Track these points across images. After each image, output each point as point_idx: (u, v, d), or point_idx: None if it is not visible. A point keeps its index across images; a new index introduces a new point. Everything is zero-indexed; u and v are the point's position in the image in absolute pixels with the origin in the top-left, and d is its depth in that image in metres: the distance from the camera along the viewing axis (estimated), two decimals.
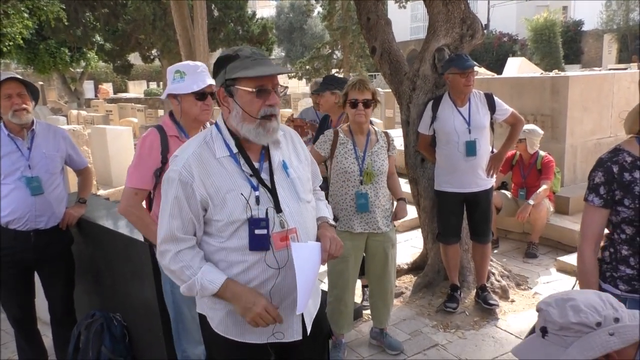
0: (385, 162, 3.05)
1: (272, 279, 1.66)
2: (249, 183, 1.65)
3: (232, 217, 1.61)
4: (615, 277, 1.98)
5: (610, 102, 5.78)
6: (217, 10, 20.93)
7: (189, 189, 1.62)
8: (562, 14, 30.21)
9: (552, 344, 1.36)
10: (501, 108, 3.61)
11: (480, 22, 3.95)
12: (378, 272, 3.17)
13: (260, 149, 1.72)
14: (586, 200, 1.98)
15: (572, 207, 5.24)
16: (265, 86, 1.61)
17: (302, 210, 1.72)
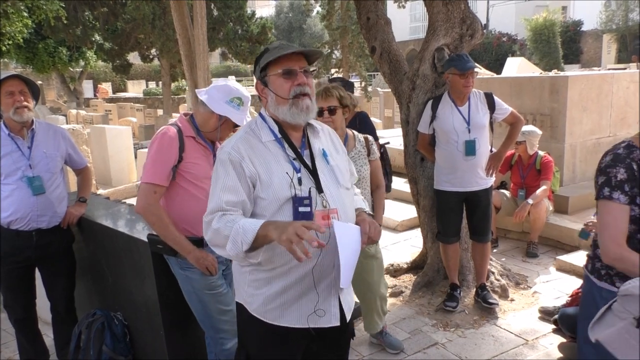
0: (363, 167, 3.00)
1: (314, 257, 1.68)
2: (292, 165, 1.74)
3: (277, 195, 1.69)
4: (612, 274, 1.92)
5: (610, 102, 5.79)
6: (217, 9, 20.87)
7: (238, 167, 1.71)
8: (562, 14, 30.23)
9: None
10: (501, 107, 3.62)
11: (480, 22, 3.96)
12: (358, 281, 3.12)
13: (301, 137, 1.82)
14: (610, 199, 1.83)
15: (571, 206, 5.25)
16: (292, 67, 1.72)
17: (342, 194, 1.80)
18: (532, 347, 3.31)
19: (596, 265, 2.00)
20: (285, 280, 1.74)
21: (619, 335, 1.35)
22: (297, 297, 1.75)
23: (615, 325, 1.37)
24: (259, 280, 1.78)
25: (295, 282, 1.73)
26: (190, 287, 2.48)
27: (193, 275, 2.43)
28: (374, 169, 3.11)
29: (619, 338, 1.35)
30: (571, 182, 5.61)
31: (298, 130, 1.80)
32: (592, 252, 2.06)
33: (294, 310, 1.76)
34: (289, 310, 1.76)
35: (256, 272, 1.78)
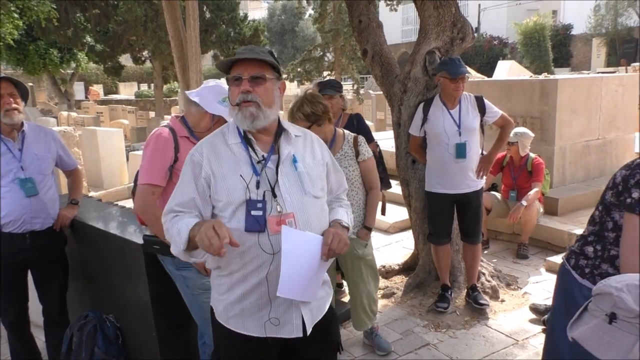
0: (348, 169, 3.01)
1: (267, 264, 1.69)
2: (253, 168, 1.74)
3: (231, 197, 1.70)
4: (595, 274, 1.94)
5: (599, 105, 5.86)
6: (209, 12, 20.86)
7: (197, 167, 1.74)
8: (552, 18, 30.48)
9: (621, 331, 1.34)
10: (491, 110, 3.66)
11: (471, 26, 4.00)
12: (347, 279, 3.24)
13: (271, 142, 1.81)
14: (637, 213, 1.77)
15: (561, 208, 5.30)
16: (239, 74, 1.72)
17: (305, 202, 1.76)
18: (522, 347, 3.34)
19: (580, 262, 2.02)
20: (244, 287, 1.73)
21: (593, 332, 1.38)
22: (256, 305, 1.73)
23: (590, 323, 1.40)
24: (221, 285, 1.80)
25: (253, 289, 1.72)
26: (186, 286, 2.49)
27: (189, 275, 2.44)
28: (366, 171, 3.11)
29: (593, 335, 1.38)
30: (561, 184, 5.67)
31: (268, 134, 1.80)
32: (578, 248, 2.08)
33: (255, 319, 1.75)
34: (250, 318, 1.75)
35: (219, 276, 1.80)
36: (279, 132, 1.83)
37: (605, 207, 1.98)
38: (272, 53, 1.82)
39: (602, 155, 6.04)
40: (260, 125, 1.74)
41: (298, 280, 1.67)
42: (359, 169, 3.10)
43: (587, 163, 5.91)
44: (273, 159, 1.78)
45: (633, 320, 1.32)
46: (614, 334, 1.35)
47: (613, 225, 1.95)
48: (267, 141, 1.81)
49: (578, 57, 29.17)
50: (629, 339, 1.32)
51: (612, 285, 1.39)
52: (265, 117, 1.73)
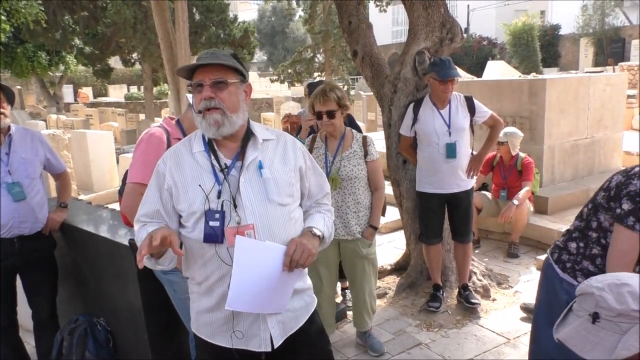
0: (357, 167, 3.02)
1: (227, 275, 1.64)
2: (215, 177, 1.70)
3: (192, 207, 1.68)
4: (576, 269, 2.02)
5: (587, 104, 5.91)
6: (199, 13, 20.80)
7: (161, 178, 1.74)
8: (540, 18, 30.72)
9: (604, 330, 1.35)
10: (481, 110, 3.68)
11: (460, 26, 4.02)
12: (350, 278, 3.25)
13: (237, 148, 1.75)
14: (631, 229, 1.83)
15: (550, 207, 5.34)
16: (201, 81, 1.68)
17: (269, 210, 1.70)
18: (513, 346, 3.36)
19: (563, 256, 2.08)
20: (210, 297, 1.72)
21: (577, 332, 1.40)
22: (223, 316, 1.72)
23: (574, 324, 1.42)
24: (193, 293, 1.80)
25: (218, 300, 1.70)
26: (173, 290, 2.47)
27: (175, 279, 2.42)
28: (372, 170, 3.12)
29: (577, 336, 1.40)
30: (550, 183, 5.71)
31: (235, 139, 1.74)
32: (562, 243, 2.13)
33: (223, 330, 1.73)
34: (218, 329, 1.74)
35: (191, 284, 1.80)
36: (247, 137, 1.77)
37: (594, 206, 2.02)
38: (236, 56, 1.77)
39: (590, 154, 6.10)
40: (226, 133, 1.69)
41: (253, 293, 1.62)
42: (366, 168, 3.10)
43: (576, 162, 5.96)
44: (237, 167, 1.72)
45: (615, 319, 1.34)
46: (598, 333, 1.36)
47: (597, 225, 1.99)
48: (234, 147, 1.75)
49: (566, 57, 29.41)
50: (612, 338, 1.34)
51: (593, 285, 1.41)
52: (231, 123, 1.69)
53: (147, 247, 1.51)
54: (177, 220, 1.75)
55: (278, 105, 18.02)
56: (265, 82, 32.05)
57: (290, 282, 1.71)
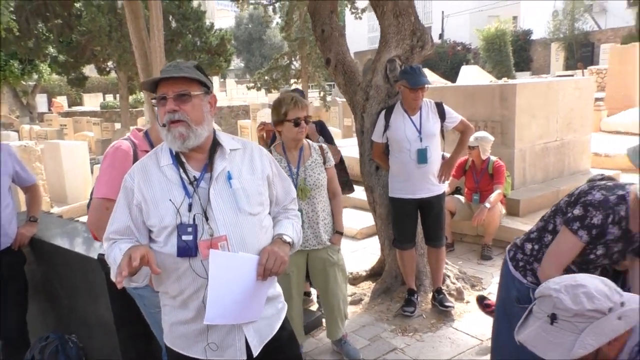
0: (321, 175, 3.05)
1: (202, 288, 1.67)
2: (184, 190, 1.70)
3: (163, 222, 1.68)
4: (527, 269, 2.16)
5: (556, 108, 6.06)
6: (175, 21, 20.68)
7: (130, 194, 1.73)
8: (512, 23, 31.30)
9: (563, 330, 1.40)
10: (451, 116, 3.75)
11: (430, 34, 4.09)
12: (321, 287, 3.22)
13: (205, 159, 1.76)
14: (574, 233, 1.96)
15: (522, 209, 5.45)
16: (164, 94, 1.68)
17: (240, 221, 1.71)
18: (487, 348, 3.41)
19: (518, 255, 2.19)
20: (185, 310, 1.73)
21: (537, 334, 1.45)
22: (197, 328, 1.72)
23: (534, 325, 1.47)
24: (165, 306, 1.80)
25: (193, 312, 1.71)
26: (144, 305, 2.45)
27: (145, 294, 2.40)
28: (331, 177, 3.16)
29: (537, 337, 1.45)
30: (522, 186, 5.83)
31: (202, 151, 1.75)
32: (520, 242, 2.24)
33: (198, 342, 1.74)
34: (192, 340, 1.74)
35: (163, 297, 1.80)
36: (214, 148, 1.77)
37: (555, 210, 2.11)
38: (199, 67, 1.77)
39: (560, 156, 6.24)
40: (191, 145, 1.70)
41: (230, 304, 1.64)
42: (327, 175, 3.13)
43: (546, 164, 6.09)
44: (206, 178, 1.73)
45: (572, 319, 1.39)
46: (556, 334, 1.41)
47: (553, 228, 2.09)
48: (201, 159, 1.76)
49: (538, 61, 30.01)
50: (569, 338, 1.39)
51: (551, 287, 1.46)
52: (196, 135, 1.69)
53: (127, 268, 1.51)
54: (148, 235, 1.74)
55: (255, 113, 18.00)
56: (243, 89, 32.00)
57: (263, 290, 1.75)
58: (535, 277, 2.11)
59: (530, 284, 2.15)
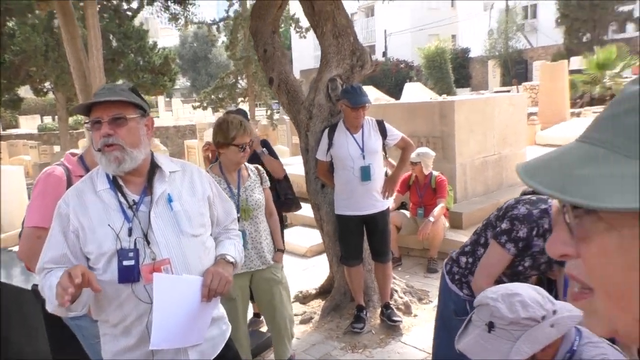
0: (260, 195, 3.06)
1: (146, 314, 1.65)
2: (123, 215, 1.67)
3: (101, 248, 1.63)
4: (463, 281, 2.24)
5: (492, 123, 6.32)
6: (116, 40, 20.23)
7: (65, 220, 1.67)
8: (452, 42, 32.59)
9: (499, 338, 1.45)
10: (392, 133, 3.84)
11: (369, 54, 4.20)
12: (267, 307, 3.17)
13: (143, 182, 1.74)
14: (502, 246, 2.05)
15: (465, 221, 5.62)
16: (98, 118, 1.65)
17: (183, 243, 1.71)
18: None
19: (453, 268, 2.27)
20: (127, 338, 1.69)
21: (476, 342, 1.50)
22: (142, 355, 1.69)
23: (473, 334, 1.52)
24: (106, 335, 1.75)
25: (136, 339, 1.68)
26: (82, 336, 2.36)
27: (83, 324, 2.31)
28: (268, 197, 3.17)
29: (475, 345, 1.50)
30: (464, 199, 6.02)
31: (139, 174, 1.73)
32: (455, 256, 2.32)
33: None
34: None
35: (103, 326, 1.75)
36: (153, 171, 1.76)
37: (486, 224, 2.20)
38: (135, 89, 1.76)
39: (498, 170, 6.50)
40: (127, 168, 1.67)
41: (176, 328, 1.63)
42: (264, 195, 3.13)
43: (486, 178, 6.33)
44: (146, 202, 1.71)
45: (508, 327, 1.45)
46: (493, 341, 1.46)
47: (484, 241, 2.19)
48: (140, 182, 1.74)
49: (477, 78, 31.34)
50: (506, 346, 1.44)
51: (488, 296, 1.51)
52: (132, 159, 1.67)
53: (72, 285, 1.43)
54: (85, 263, 1.68)
55: (202, 132, 17.75)
56: (189, 108, 31.56)
57: (208, 312, 1.74)
58: (470, 290, 2.19)
59: (466, 296, 2.23)
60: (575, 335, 1.52)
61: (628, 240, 0.46)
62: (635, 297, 0.47)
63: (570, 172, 0.47)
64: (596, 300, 0.51)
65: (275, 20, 4.41)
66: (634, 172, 0.44)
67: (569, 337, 1.51)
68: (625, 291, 0.47)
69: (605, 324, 0.51)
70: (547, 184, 0.48)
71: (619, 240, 0.47)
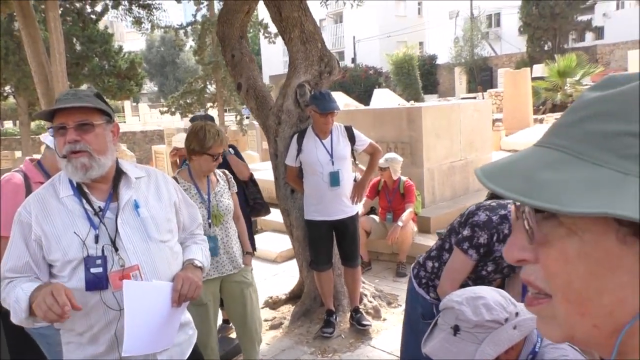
0: (229, 201, 3.06)
1: (114, 321, 1.63)
2: (89, 222, 1.64)
3: (67, 256, 1.60)
4: (430, 285, 2.29)
5: (459, 129, 6.44)
6: (80, 44, 19.77)
7: (26, 228, 1.62)
8: (419, 49, 33.13)
9: (464, 341, 1.47)
10: (360, 139, 3.87)
11: (337, 60, 4.23)
12: (239, 313, 3.13)
13: (109, 189, 1.72)
14: (464, 252, 2.10)
15: (433, 226, 5.70)
16: (64, 124, 1.62)
17: (151, 249, 1.70)
18: None
19: (420, 272, 2.32)
20: (94, 346, 1.67)
21: (441, 345, 1.52)
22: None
23: (438, 337, 1.54)
24: (71, 343, 1.71)
25: (103, 347, 1.66)
26: (47, 344, 2.31)
27: (47, 332, 2.26)
28: (235, 202, 3.16)
29: (441, 348, 1.52)
30: (432, 204, 6.11)
31: (105, 181, 1.71)
32: (422, 260, 2.36)
33: None
34: None
35: (67, 335, 1.71)
36: (118, 177, 1.74)
37: (450, 229, 2.25)
38: (100, 95, 1.74)
39: (465, 174, 6.63)
40: (95, 176, 1.65)
41: (147, 334, 1.63)
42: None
43: (453, 183, 6.45)
44: (112, 208, 1.69)
45: (473, 330, 1.48)
46: (458, 344, 1.49)
47: (449, 246, 2.24)
48: (105, 189, 1.72)
49: (444, 85, 31.91)
50: (471, 348, 1.47)
51: (453, 299, 1.54)
52: (100, 165, 1.65)
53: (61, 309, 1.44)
54: (48, 271, 1.65)
55: (170, 137, 17.49)
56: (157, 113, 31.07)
57: (177, 317, 1.75)
58: (437, 294, 2.23)
59: (433, 300, 2.27)
60: (537, 337, 1.56)
61: (589, 245, 0.46)
62: (594, 303, 0.47)
63: (532, 176, 0.47)
64: (555, 305, 0.50)
65: (243, 26, 4.41)
66: (596, 177, 0.44)
67: (531, 339, 1.55)
68: (585, 297, 0.47)
69: (563, 330, 0.50)
70: (509, 188, 0.47)
71: (579, 246, 0.47)
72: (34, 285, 1.57)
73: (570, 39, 28.18)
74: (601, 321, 0.47)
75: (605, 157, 0.44)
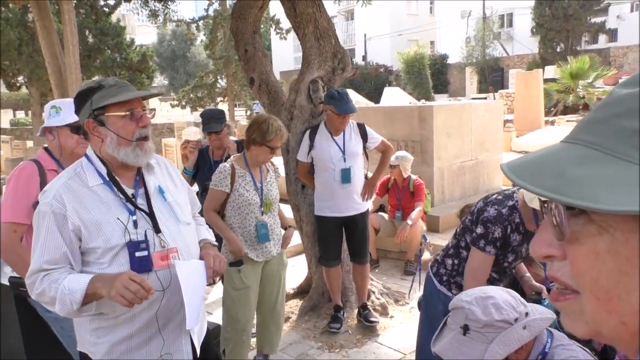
0: (277, 190, 3.22)
1: (157, 301, 1.69)
2: (126, 208, 1.70)
3: (110, 242, 1.64)
4: (451, 282, 2.29)
5: (470, 129, 6.43)
6: (92, 36, 19.88)
7: (61, 219, 1.62)
8: (430, 48, 32.97)
9: (474, 341, 1.48)
10: (372, 137, 3.88)
11: (350, 57, 4.24)
12: (273, 296, 3.24)
13: (135, 176, 1.78)
14: (482, 250, 2.12)
15: (442, 225, 5.71)
16: (136, 109, 1.70)
17: (182, 231, 1.80)
18: None
19: (440, 270, 2.31)
20: (130, 326, 1.70)
21: (451, 345, 1.53)
22: (145, 342, 1.71)
23: (448, 337, 1.56)
24: (101, 328, 1.72)
25: (141, 327, 1.70)
26: (61, 328, 2.35)
27: (61, 316, 2.29)
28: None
29: (451, 347, 1.53)
30: (441, 203, 6.10)
31: (131, 169, 1.76)
32: (440, 258, 2.36)
33: (142, 355, 1.72)
34: (138, 353, 1.72)
35: (98, 320, 1.73)
36: None
37: (463, 228, 2.25)
38: None
39: (475, 174, 6.61)
40: (150, 159, 1.77)
41: (197, 309, 1.74)
42: None
43: (463, 182, 6.43)
44: (141, 194, 1.75)
45: (482, 329, 1.48)
46: (468, 344, 1.50)
47: (465, 244, 2.24)
48: (131, 176, 1.77)
49: (455, 84, 31.76)
50: (480, 348, 1.48)
51: (463, 299, 1.55)
52: (154, 148, 1.79)
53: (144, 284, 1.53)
54: (80, 260, 1.68)
55: (179, 131, 17.55)
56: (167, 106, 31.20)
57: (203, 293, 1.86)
58: (460, 289, 2.23)
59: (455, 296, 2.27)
60: (547, 338, 1.57)
61: (620, 243, 0.46)
62: (623, 300, 0.47)
63: (562, 173, 0.46)
64: (583, 302, 0.50)
65: (256, 21, 4.42)
66: (628, 174, 0.43)
67: (541, 339, 1.56)
68: (613, 294, 0.47)
69: (590, 327, 0.50)
70: (539, 185, 0.46)
71: (610, 243, 0.46)
72: (82, 277, 1.59)
73: (583, 41, 27.93)
74: (629, 319, 0.47)
75: (638, 154, 0.44)
